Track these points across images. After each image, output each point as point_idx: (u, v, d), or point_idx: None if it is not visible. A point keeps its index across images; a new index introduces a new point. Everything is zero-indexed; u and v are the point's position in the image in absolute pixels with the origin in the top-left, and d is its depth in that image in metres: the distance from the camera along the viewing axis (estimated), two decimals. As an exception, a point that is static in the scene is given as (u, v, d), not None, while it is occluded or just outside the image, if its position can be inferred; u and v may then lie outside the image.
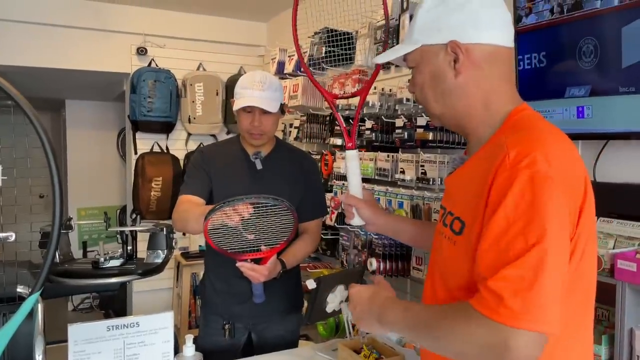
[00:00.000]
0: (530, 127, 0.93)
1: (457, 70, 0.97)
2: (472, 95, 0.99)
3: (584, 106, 1.60)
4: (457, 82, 0.98)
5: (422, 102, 1.06)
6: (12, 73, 3.71)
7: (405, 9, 2.32)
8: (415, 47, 1.01)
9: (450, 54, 0.97)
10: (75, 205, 5.48)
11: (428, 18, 0.99)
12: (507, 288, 0.78)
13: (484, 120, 0.99)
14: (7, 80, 1.21)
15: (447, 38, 0.97)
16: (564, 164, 0.85)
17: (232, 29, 4.28)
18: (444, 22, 0.97)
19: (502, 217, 0.82)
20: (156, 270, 2.46)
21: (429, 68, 1.01)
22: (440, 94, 1.01)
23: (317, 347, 1.81)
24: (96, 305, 5.18)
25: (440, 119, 1.05)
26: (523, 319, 0.77)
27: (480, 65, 0.97)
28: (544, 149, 0.85)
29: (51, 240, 1.19)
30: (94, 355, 1.24)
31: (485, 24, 0.96)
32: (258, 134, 1.86)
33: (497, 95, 0.99)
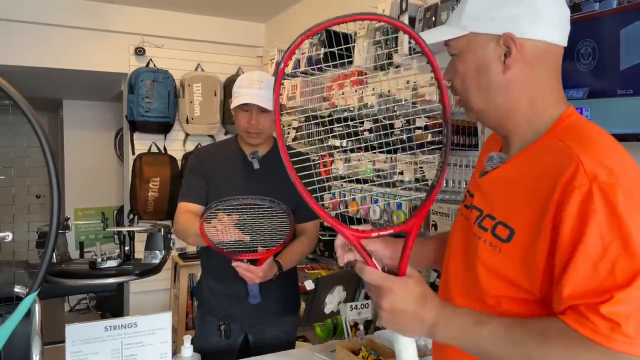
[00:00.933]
0: (592, 135, 0.87)
1: (506, 65, 0.90)
2: (517, 94, 0.92)
3: (582, 108, 1.60)
4: (505, 78, 0.91)
5: (462, 93, 0.98)
6: (10, 72, 3.70)
7: (404, 10, 2.33)
8: (463, 33, 0.93)
9: (501, 47, 0.90)
10: (72, 205, 5.46)
11: (481, 4, 0.91)
12: (622, 313, 0.74)
13: (528, 121, 0.93)
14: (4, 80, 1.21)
15: (501, 29, 0.90)
16: (634, 173, 0.81)
17: (230, 29, 4.28)
18: (499, 11, 0.90)
19: (596, 237, 0.76)
20: (154, 271, 2.45)
21: (474, 58, 0.93)
22: (484, 88, 0.94)
23: (315, 349, 1.81)
24: (93, 306, 5.17)
25: (480, 114, 0.98)
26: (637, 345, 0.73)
27: (532, 62, 0.90)
28: (617, 160, 0.81)
29: (49, 240, 1.19)
30: (91, 356, 1.24)
31: (543, 20, 0.89)
32: (255, 133, 1.86)
33: (544, 96, 0.93)
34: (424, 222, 2.14)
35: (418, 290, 0.87)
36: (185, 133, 4.08)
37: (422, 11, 2.23)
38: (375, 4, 2.55)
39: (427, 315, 0.86)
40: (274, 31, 4.20)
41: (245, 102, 1.81)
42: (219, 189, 1.89)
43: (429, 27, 2.16)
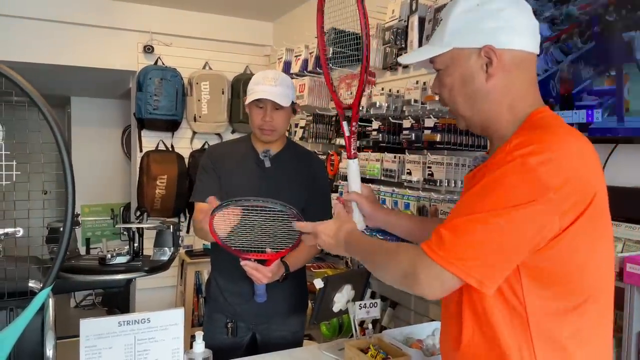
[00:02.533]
0: (545, 126, 0.96)
1: (489, 73, 1.00)
2: (499, 99, 1.02)
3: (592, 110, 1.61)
4: (488, 86, 1.01)
5: (450, 104, 1.08)
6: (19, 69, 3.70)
7: (414, 10, 2.33)
8: (447, 49, 1.03)
9: (483, 58, 1.00)
10: (79, 202, 5.43)
11: (461, 22, 1.01)
12: (448, 232, 0.91)
13: (508, 123, 1.02)
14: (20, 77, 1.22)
15: (481, 42, 0.99)
16: (561, 166, 0.88)
17: (238, 28, 4.29)
18: (478, 26, 1.00)
19: (480, 186, 0.92)
20: (162, 268, 2.46)
21: (459, 71, 1.03)
22: (469, 97, 1.03)
23: (324, 347, 1.81)
24: (99, 302, 5.20)
25: (467, 121, 1.08)
26: (445, 258, 0.90)
27: (511, 70, 1.00)
28: (548, 144, 0.89)
29: (64, 235, 1.20)
30: (105, 351, 1.25)
31: (518, 31, 0.99)
32: (269, 130, 1.87)
33: (522, 99, 1.02)
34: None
35: (334, 227, 1.26)
36: (193, 131, 4.10)
37: (432, 12, 2.23)
38: (385, 4, 2.55)
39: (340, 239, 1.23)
40: (282, 30, 4.21)
41: (259, 97, 1.82)
42: (230, 187, 1.90)
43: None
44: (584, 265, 0.93)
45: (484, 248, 0.89)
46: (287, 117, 1.90)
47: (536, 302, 0.92)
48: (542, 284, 0.92)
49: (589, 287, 0.94)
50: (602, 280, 0.98)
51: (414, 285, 0.95)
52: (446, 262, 0.90)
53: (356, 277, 1.94)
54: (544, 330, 0.93)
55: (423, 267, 0.92)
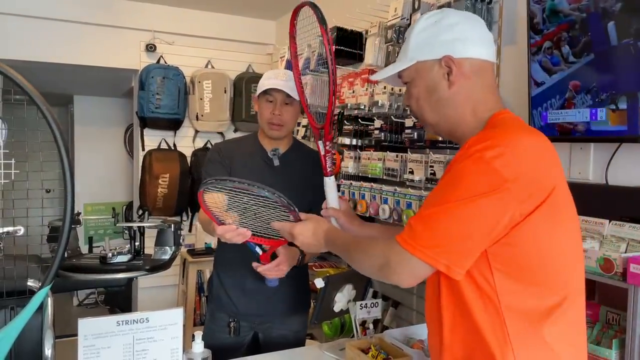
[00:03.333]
0: (501, 125, 1.04)
1: (450, 81, 1.09)
2: (463, 104, 1.11)
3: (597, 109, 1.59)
4: (451, 92, 1.10)
5: (418, 113, 1.17)
6: (21, 68, 3.71)
7: (416, 8, 2.32)
8: (411, 63, 1.13)
9: (444, 67, 1.09)
10: (81, 200, 5.49)
11: (421, 38, 1.12)
12: (419, 223, 0.99)
13: (472, 127, 1.10)
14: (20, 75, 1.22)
15: (440, 53, 1.09)
16: (518, 160, 0.95)
17: (241, 26, 4.28)
18: (436, 40, 1.10)
19: (443, 180, 1.01)
20: (164, 267, 2.46)
21: (424, 81, 1.12)
22: (434, 104, 1.12)
23: (325, 347, 1.81)
24: (101, 301, 5.20)
25: (435, 127, 1.17)
26: (417, 248, 0.97)
27: (470, 76, 1.09)
28: (501, 140, 0.97)
29: (62, 234, 1.20)
30: (103, 350, 1.24)
31: (472, 41, 1.09)
32: (278, 125, 1.87)
33: (483, 103, 1.11)
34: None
35: (311, 227, 1.33)
36: (195, 130, 4.09)
37: (434, 9, 2.21)
38: (387, 2, 2.54)
39: (319, 238, 1.31)
40: (285, 29, 4.18)
41: (270, 87, 1.83)
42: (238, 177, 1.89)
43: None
44: (545, 255, 0.99)
45: (450, 235, 0.96)
46: (295, 114, 1.91)
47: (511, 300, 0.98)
48: (511, 277, 0.98)
49: (559, 284, 1.00)
50: (571, 275, 1.03)
51: (388, 275, 1.03)
52: (416, 250, 0.97)
53: (357, 277, 1.94)
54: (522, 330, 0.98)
55: (395, 256, 1.01)
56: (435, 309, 1.10)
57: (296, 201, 1.85)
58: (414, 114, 1.20)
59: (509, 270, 0.98)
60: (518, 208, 0.94)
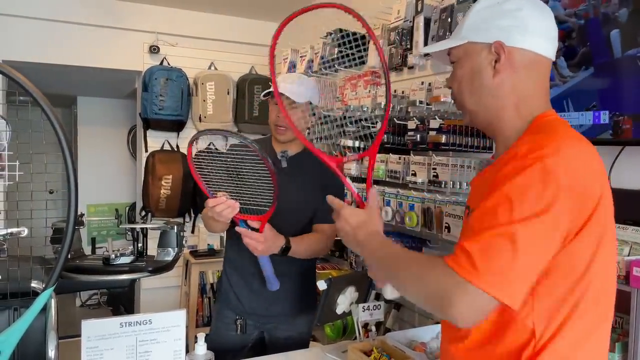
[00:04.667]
0: (550, 130, 0.97)
1: (496, 69, 1.01)
2: (505, 96, 1.03)
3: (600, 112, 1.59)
4: (494, 82, 1.02)
5: (458, 96, 1.09)
6: (25, 69, 3.73)
7: (419, 10, 2.32)
8: (462, 42, 1.05)
9: (492, 54, 1.01)
10: (84, 201, 5.51)
11: (478, 17, 1.04)
12: (478, 249, 0.86)
13: (513, 124, 1.03)
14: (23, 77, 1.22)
15: (493, 38, 1.01)
16: (574, 168, 0.88)
17: (243, 28, 4.29)
18: (493, 23, 1.02)
19: (501, 195, 0.89)
20: (166, 268, 2.47)
21: (470, 63, 1.05)
22: (476, 90, 1.05)
23: (327, 349, 1.80)
24: (104, 302, 5.21)
25: (472, 115, 1.09)
26: (481, 278, 0.84)
27: (519, 69, 1.01)
28: (557, 148, 0.89)
29: (66, 236, 1.20)
30: (106, 352, 1.25)
31: (532, 32, 1.00)
32: (283, 127, 1.88)
33: (529, 101, 1.03)
34: (436, 225, 2.13)
35: (361, 219, 1.14)
36: (198, 131, 4.10)
37: (437, 12, 2.22)
38: (390, 5, 2.54)
39: (359, 236, 1.13)
40: (287, 30, 4.18)
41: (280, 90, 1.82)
42: None
43: (444, 28, 2.16)
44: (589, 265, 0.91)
45: (515, 262, 0.84)
46: (302, 116, 1.90)
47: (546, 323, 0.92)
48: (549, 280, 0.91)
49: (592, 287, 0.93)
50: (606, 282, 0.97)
51: (443, 307, 0.88)
52: (479, 280, 0.84)
53: (360, 279, 1.93)
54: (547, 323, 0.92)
55: (453, 286, 0.86)
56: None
57: (305, 203, 1.87)
58: (453, 97, 1.12)
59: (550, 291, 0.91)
60: (575, 220, 0.88)
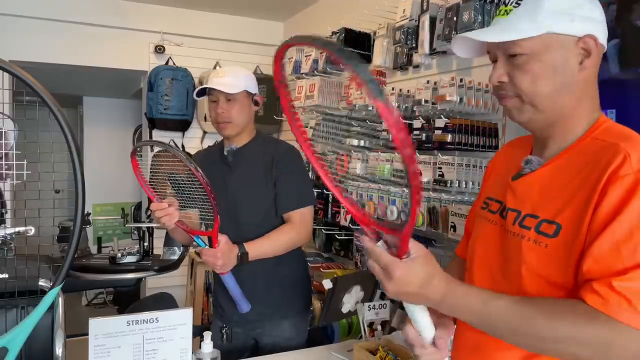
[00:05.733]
0: (632, 134, 0.91)
1: (583, 66, 0.92)
2: (582, 95, 0.95)
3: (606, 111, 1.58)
4: (578, 79, 0.93)
5: (531, 93, 0.94)
6: (31, 69, 3.75)
7: (425, 9, 2.31)
8: (541, 32, 0.90)
9: (579, 48, 0.91)
10: (91, 201, 5.53)
11: (561, 4, 0.91)
12: (633, 289, 0.77)
13: (576, 124, 0.96)
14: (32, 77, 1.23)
15: (582, 30, 0.90)
16: None
17: (249, 28, 4.29)
18: (579, 12, 0.90)
19: (627, 221, 0.80)
20: (172, 267, 2.48)
21: (552, 58, 0.91)
22: (557, 89, 0.93)
23: (332, 348, 1.81)
24: (110, 301, 5.23)
25: (538, 114, 0.95)
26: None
27: (596, 66, 0.94)
28: None
29: (73, 234, 1.20)
30: (113, 350, 1.25)
31: (604, 24, 0.93)
32: (224, 122, 1.85)
33: (594, 99, 0.97)
34: (442, 224, 2.13)
35: (423, 272, 0.85)
36: (203, 131, 4.11)
37: (443, 11, 2.21)
38: (395, 4, 2.54)
39: (432, 295, 0.86)
40: (292, 30, 4.20)
41: (206, 86, 1.84)
42: None
43: (450, 27, 2.14)
44: None
45: None
46: (242, 108, 1.86)
47: None
48: None
49: None
50: None
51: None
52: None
53: (365, 278, 1.94)
54: None
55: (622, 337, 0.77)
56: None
57: (260, 195, 1.85)
58: (521, 93, 0.94)
59: None
60: None
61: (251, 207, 1.87)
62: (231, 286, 1.72)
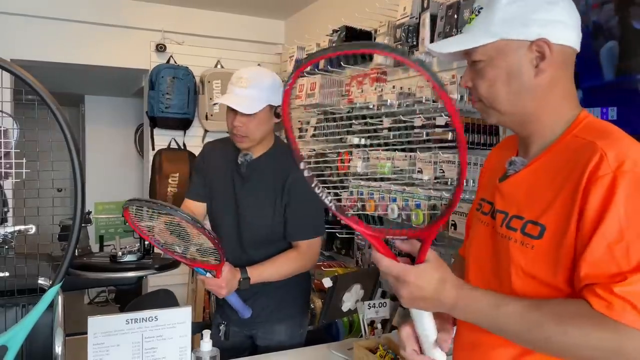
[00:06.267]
0: (611, 131, 0.91)
1: (539, 69, 0.93)
2: (545, 97, 0.95)
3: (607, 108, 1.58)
4: (536, 82, 0.94)
5: (488, 98, 0.98)
6: (33, 68, 3.75)
7: (425, 7, 2.31)
8: (493, 40, 0.94)
9: (533, 52, 0.93)
10: (92, 199, 5.54)
11: (512, 11, 0.93)
12: (634, 293, 0.79)
13: (550, 123, 0.96)
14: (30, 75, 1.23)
15: (534, 35, 0.92)
16: None
17: (250, 26, 4.29)
18: (531, 17, 0.92)
19: (615, 221, 0.81)
20: (173, 266, 2.48)
21: (505, 63, 0.94)
22: (514, 92, 0.95)
23: (333, 346, 1.81)
24: (112, 299, 5.24)
25: (503, 117, 0.99)
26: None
27: (559, 67, 0.94)
28: (636, 152, 0.85)
29: (73, 233, 1.20)
30: (112, 348, 1.25)
31: (569, 25, 0.94)
32: (240, 136, 1.72)
33: (567, 99, 0.97)
34: (443, 222, 2.12)
35: (436, 277, 0.86)
36: (205, 129, 4.11)
37: (444, 9, 2.21)
38: (396, 1, 2.53)
39: (445, 299, 0.87)
40: (294, 28, 4.20)
41: (222, 102, 1.69)
42: (212, 186, 1.88)
43: (451, 25, 2.14)
44: None
45: None
46: (262, 123, 1.72)
47: None
48: None
49: None
50: None
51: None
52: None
53: (366, 277, 1.94)
54: None
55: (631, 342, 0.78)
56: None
57: (262, 212, 1.77)
58: (481, 97, 0.99)
59: None
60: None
61: (258, 227, 1.80)
62: (233, 301, 1.69)
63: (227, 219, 1.84)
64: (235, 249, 1.80)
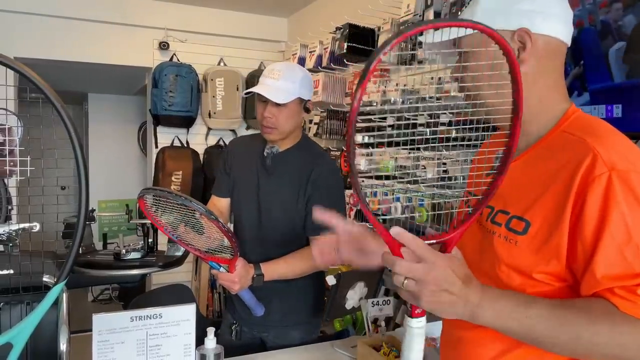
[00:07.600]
0: (600, 126, 0.90)
1: (520, 59, 0.92)
2: (528, 88, 0.90)
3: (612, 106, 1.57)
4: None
5: (472, 88, 0.97)
6: (36, 65, 3.76)
7: (429, 4, 2.30)
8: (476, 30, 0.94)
9: (515, 42, 0.92)
10: (96, 197, 5.55)
11: (495, 1, 0.94)
12: None
13: (536, 117, 0.95)
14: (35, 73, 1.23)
15: (515, 25, 0.92)
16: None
17: (253, 24, 4.29)
18: (513, 8, 0.92)
19: (620, 222, 0.80)
20: (176, 263, 2.48)
21: (487, 54, 0.90)
22: (495, 83, 0.91)
23: (336, 344, 1.81)
24: (115, 297, 5.25)
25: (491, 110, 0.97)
26: None
27: (543, 58, 0.93)
28: (629, 148, 0.85)
29: (77, 231, 1.21)
30: (117, 346, 1.26)
31: (553, 16, 0.93)
32: (269, 127, 1.75)
33: (553, 92, 0.96)
34: (446, 220, 2.11)
35: (463, 272, 0.80)
36: (208, 127, 4.11)
37: (447, 5, 2.20)
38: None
39: (472, 296, 0.80)
40: (296, 26, 4.19)
41: (255, 90, 1.71)
42: (236, 181, 1.88)
43: (455, 22, 2.14)
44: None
45: None
46: (292, 115, 1.75)
47: None
48: None
49: None
50: None
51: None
52: None
53: (369, 274, 1.93)
54: None
55: None
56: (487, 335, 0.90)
57: (285, 205, 1.77)
58: (465, 89, 0.99)
59: None
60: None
61: (278, 219, 1.80)
62: (246, 297, 1.69)
63: (249, 210, 1.83)
64: (254, 243, 1.80)
